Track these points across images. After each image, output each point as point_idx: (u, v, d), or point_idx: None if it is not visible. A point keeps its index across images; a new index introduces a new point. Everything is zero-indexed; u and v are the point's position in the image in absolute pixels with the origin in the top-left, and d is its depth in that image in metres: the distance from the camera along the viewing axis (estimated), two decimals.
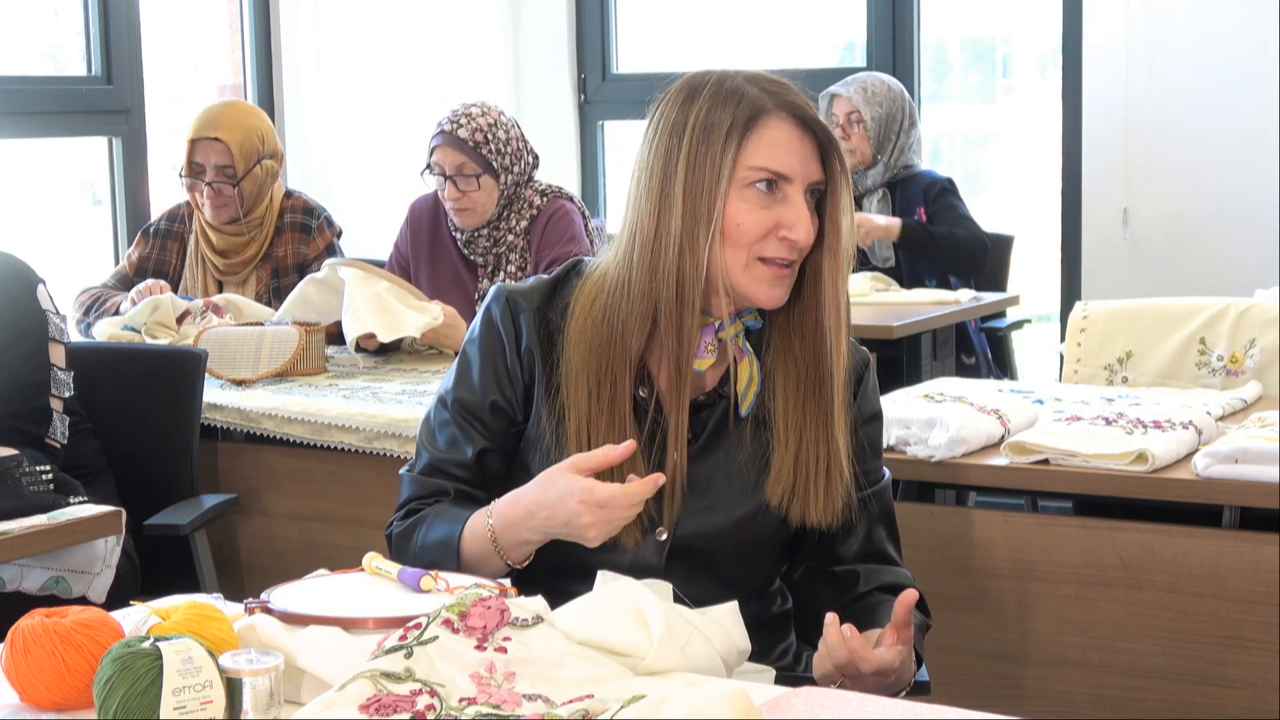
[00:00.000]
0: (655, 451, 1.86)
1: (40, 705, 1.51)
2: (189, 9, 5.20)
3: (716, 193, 1.80)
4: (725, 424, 1.89)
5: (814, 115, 1.84)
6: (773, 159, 1.81)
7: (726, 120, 1.80)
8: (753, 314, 1.89)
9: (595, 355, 1.85)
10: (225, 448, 3.31)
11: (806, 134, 1.83)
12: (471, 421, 1.91)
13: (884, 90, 4.63)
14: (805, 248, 1.82)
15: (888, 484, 2.01)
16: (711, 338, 1.86)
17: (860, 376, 1.96)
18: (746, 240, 1.81)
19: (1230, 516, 2.43)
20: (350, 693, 1.40)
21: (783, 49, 5.98)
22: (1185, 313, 3.17)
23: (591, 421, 1.84)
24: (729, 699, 1.37)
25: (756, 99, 1.82)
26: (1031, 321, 5.14)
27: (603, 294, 1.87)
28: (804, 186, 1.82)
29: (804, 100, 1.85)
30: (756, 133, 1.81)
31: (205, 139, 3.80)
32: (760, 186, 1.80)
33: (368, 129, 5.28)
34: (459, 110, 3.70)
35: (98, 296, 3.88)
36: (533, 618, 1.52)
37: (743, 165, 1.80)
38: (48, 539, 2.35)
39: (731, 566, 1.91)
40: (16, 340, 2.65)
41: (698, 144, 1.81)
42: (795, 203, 1.81)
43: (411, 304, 3.56)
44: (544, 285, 1.92)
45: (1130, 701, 2.47)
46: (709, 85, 1.83)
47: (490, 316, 1.92)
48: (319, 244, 3.89)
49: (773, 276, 1.82)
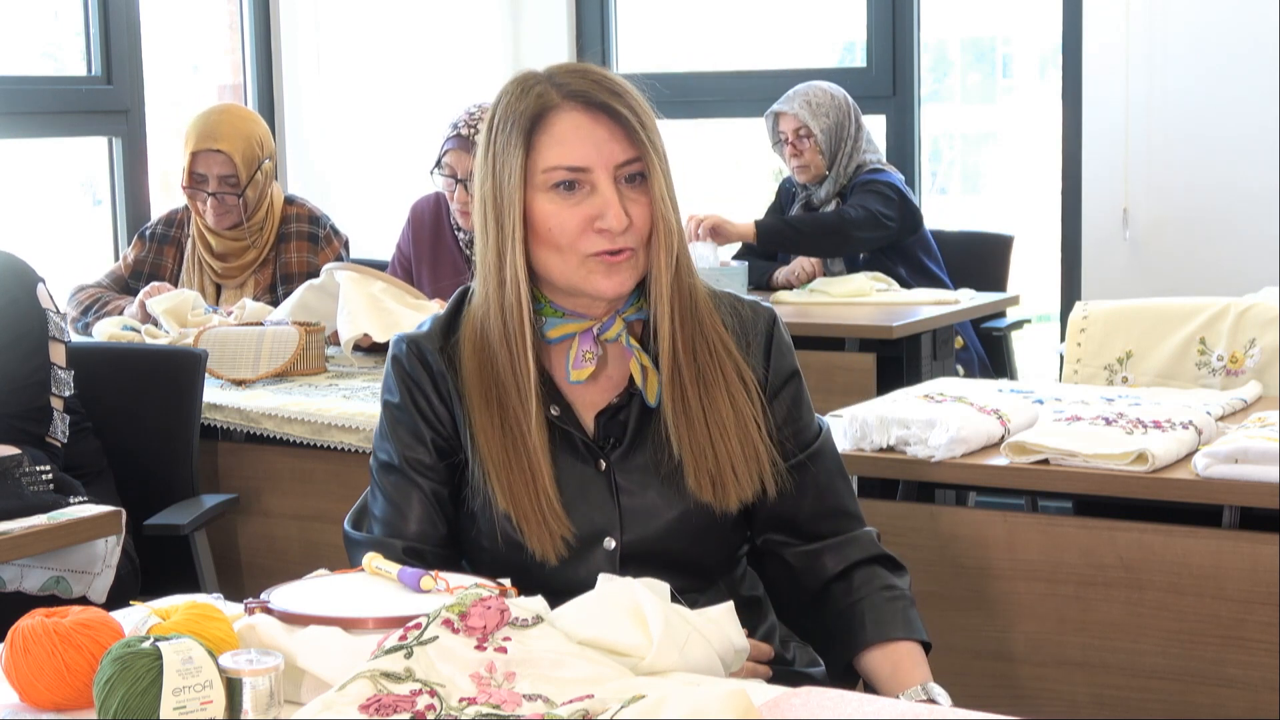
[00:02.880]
0: (579, 464, 1.85)
1: (40, 705, 1.51)
2: (189, 9, 5.20)
3: (514, 199, 1.78)
4: (645, 422, 1.87)
5: (603, 99, 1.78)
6: (564, 154, 1.77)
7: (511, 124, 1.78)
8: (634, 305, 1.87)
9: (486, 382, 1.83)
10: (225, 448, 3.31)
11: (601, 117, 1.78)
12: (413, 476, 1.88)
13: (828, 100, 4.60)
14: (626, 230, 1.78)
15: (827, 436, 1.96)
16: (590, 344, 1.84)
17: (769, 335, 1.92)
18: (566, 241, 1.78)
19: (1230, 516, 2.43)
20: (350, 693, 1.40)
21: (783, 49, 5.99)
22: (1185, 313, 3.17)
23: (496, 446, 1.82)
24: (729, 699, 1.37)
25: (542, 95, 1.79)
26: (1031, 321, 5.14)
27: (477, 321, 1.86)
28: (609, 171, 1.78)
29: (596, 86, 1.79)
30: (544, 130, 1.78)
31: (207, 151, 3.80)
32: (561, 184, 1.78)
33: (368, 129, 5.28)
34: (475, 113, 3.68)
35: (97, 298, 3.88)
36: (533, 618, 1.52)
37: (537, 168, 1.78)
38: (48, 539, 2.35)
39: (687, 558, 1.89)
40: (17, 340, 2.65)
41: (495, 153, 1.79)
42: (601, 189, 1.78)
43: (409, 303, 3.55)
44: (440, 322, 1.90)
45: (1130, 701, 2.47)
46: (505, 91, 1.82)
47: (400, 366, 1.89)
48: (328, 254, 3.89)
49: (606, 267, 1.79)
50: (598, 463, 1.87)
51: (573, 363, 1.85)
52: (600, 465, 1.87)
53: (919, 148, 5.39)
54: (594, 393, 1.89)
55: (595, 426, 1.88)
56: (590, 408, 1.89)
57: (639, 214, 1.80)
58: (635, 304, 1.87)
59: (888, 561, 1.94)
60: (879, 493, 2.70)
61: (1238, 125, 4.71)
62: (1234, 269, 4.58)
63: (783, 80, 4.94)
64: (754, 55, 6.01)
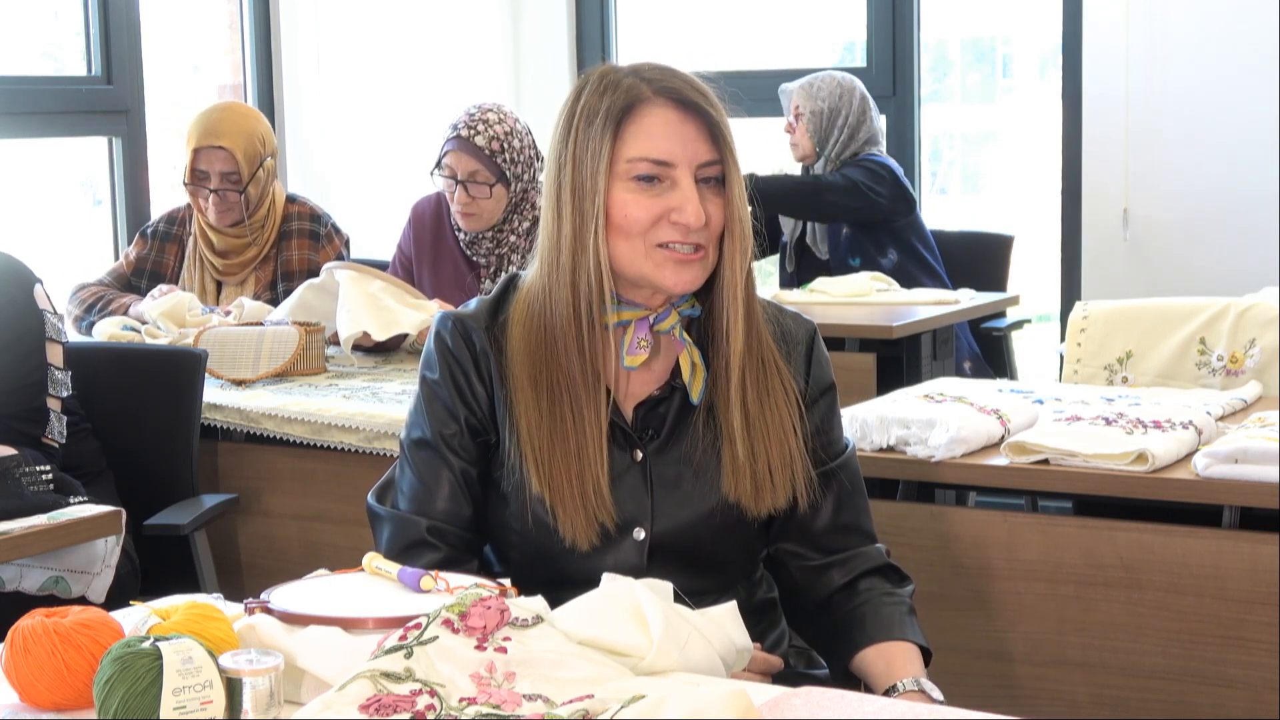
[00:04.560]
0: (617, 452, 1.86)
1: (40, 705, 1.51)
2: (189, 9, 5.20)
3: (597, 187, 1.80)
4: (685, 416, 1.89)
5: (694, 99, 1.81)
6: (651, 147, 1.80)
7: (601, 113, 1.80)
8: (689, 303, 1.88)
9: (535, 365, 1.84)
10: (225, 448, 3.31)
11: (690, 116, 1.81)
12: (445, 453, 1.89)
13: (830, 86, 4.71)
14: (701, 228, 1.80)
15: (852, 453, 1.99)
16: (645, 332, 1.86)
17: (809, 347, 1.96)
18: (639, 229, 1.80)
19: (1230, 516, 2.43)
20: (350, 693, 1.40)
21: (783, 49, 5.99)
22: (1185, 313, 3.17)
23: (539, 429, 1.83)
24: (729, 699, 1.37)
25: (632, 88, 1.81)
26: (1031, 321, 5.14)
27: (534, 304, 1.87)
28: (691, 169, 1.80)
29: (686, 85, 1.82)
30: (633, 122, 1.80)
31: (209, 148, 3.80)
32: (643, 177, 1.80)
33: (368, 129, 5.28)
34: (475, 114, 3.68)
35: (100, 295, 3.87)
36: (533, 618, 1.52)
37: (621, 158, 1.80)
38: (48, 539, 2.35)
39: (712, 556, 1.91)
40: (14, 341, 2.64)
41: (578, 142, 1.81)
42: (683, 186, 1.80)
43: (408, 302, 3.55)
44: (487, 304, 1.92)
45: (1130, 701, 2.47)
46: (590, 81, 1.84)
47: (443, 342, 1.90)
48: (329, 252, 3.89)
49: (675, 261, 1.81)
50: (634, 453, 1.88)
51: (628, 348, 1.86)
52: (636, 455, 1.88)
53: (919, 148, 5.39)
54: (636, 383, 1.91)
55: (634, 417, 1.90)
56: (631, 398, 1.90)
57: (715, 214, 1.82)
58: (690, 300, 1.88)
59: (893, 572, 1.96)
60: (879, 493, 2.70)
61: (1238, 125, 4.71)
62: (1234, 269, 4.58)
63: (782, 80, 4.94)
64: (754, 55, 6.01)
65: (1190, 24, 4.75)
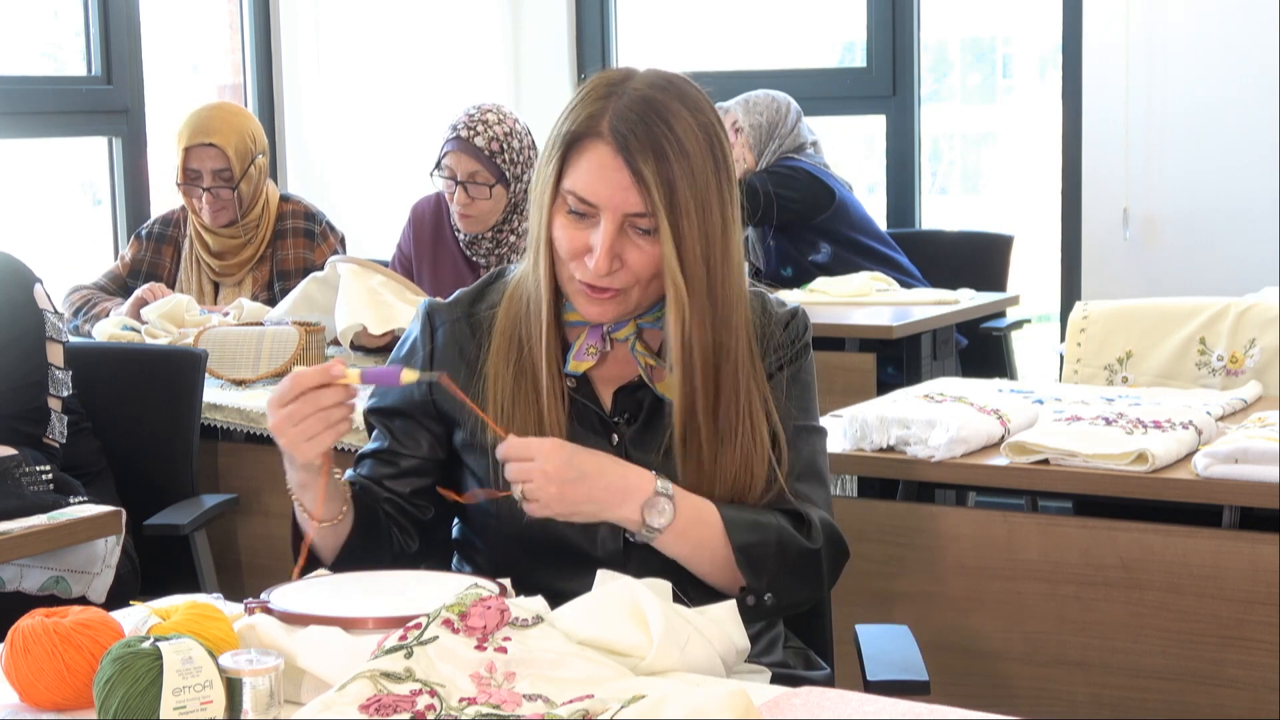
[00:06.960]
0: (594, 437, 1.87)
1: (40, 705, 1.51)
2: (189, 9, 5.20)
3: (543, 204, 1.81)
4: (659, 404, 1.89)
5: (637, 146, 1.74)
6: (583, 185, 1.77)
7: (559, 135, 1.80)
8: (652, 315, 1.87)
9: (512, 345, 1.87)
10: (225, 448, 3.31)
11: (627, 164, 1.76)
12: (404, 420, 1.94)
13: (766, 101, 4.85)
14: (612, 273, 1.78)
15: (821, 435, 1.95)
16: (595, 339, 1.86)
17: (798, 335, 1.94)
18: (565, 256, 1.81)
19: (1230, 516, 2.43)
20: (350, 693, 1.40)
21: (783, 49, 5.99)
22: (1185, 313, 3.17)
23: (508, 406, 1.85)
24: (729, 699, 1.37)
25: (593, 117, 1.77)
26: (1031, 321, 5.14)
27: (518, 290, 1.90)
28: (617, 216, 1.77)
29: (643, 130, 1.75)
30: (577, 154, 1.78)
31: (200, 145, 3.80)
32: (573, 210, 1.79)
33: (368, 129, 5.28)
34: (474, 115, 3.68)
35: (88, 299, 3.88)
36: (533, 618, 1.52)
37: (562, 185, 1.80)
38: (48, 539, 2.35)
39: None
40: (13, 340, 2.64)
41: (545, 154, 1.82)
42: (601, 230, 1.77)
43: (408, 298, 3.55)
44: (470, 291, 1.96)
45: (1130, 701, 2.47)
46: (585, 88, 1.83)
47: (422, 323, 1.95)
48: (324, 250, 3.89)
49: (586, 296, 1.82)
50: (611, 437, 1.89)
51: (575, 354, 1.88)
52: (613, 439, 1.89)
53: (919, 148, 5.39)
54: (614, 368, 1.91)
55: (612, 403, 1.91)
56: (609, 383, 1.91)
57: (639, 261, 1.79)
58: (655, 313, 1.87)
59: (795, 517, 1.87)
60: (879, 493, 2.70)
61: (1238, 125, 4.70)
62: (1234, 269, 4.58)
63: (783, 80, 4.94)
64: (754, 55, 6.01)
65: (1190, 24, 4.75)
